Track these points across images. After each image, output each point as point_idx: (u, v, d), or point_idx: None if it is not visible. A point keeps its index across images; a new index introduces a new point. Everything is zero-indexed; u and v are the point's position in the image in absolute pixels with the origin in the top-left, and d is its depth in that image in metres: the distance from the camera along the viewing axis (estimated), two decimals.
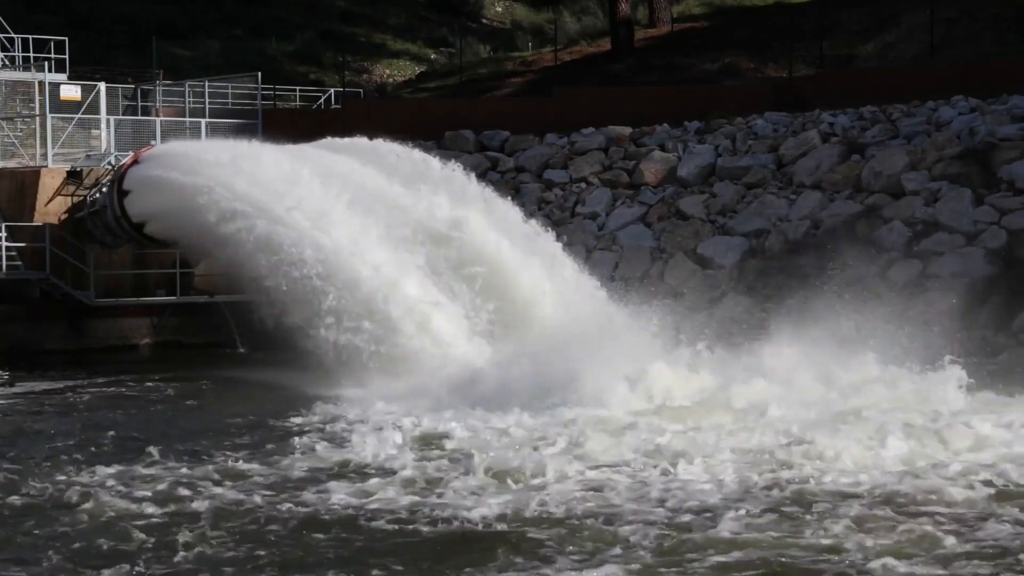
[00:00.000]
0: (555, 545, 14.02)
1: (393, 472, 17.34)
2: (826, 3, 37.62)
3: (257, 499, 16.14)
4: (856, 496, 15.66)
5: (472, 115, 35.55)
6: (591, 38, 44.64)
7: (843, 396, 20.79)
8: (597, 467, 17.38)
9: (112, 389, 25.69)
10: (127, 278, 31.54)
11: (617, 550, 13.84)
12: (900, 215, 28.47)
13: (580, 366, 21.67)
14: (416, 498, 16.05)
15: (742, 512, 15.02)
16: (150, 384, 26.13)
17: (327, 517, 15.37)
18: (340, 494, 16.29)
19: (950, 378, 20.61)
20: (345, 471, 17.61)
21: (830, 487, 16.10)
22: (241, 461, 18.19)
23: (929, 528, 14.27)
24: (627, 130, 33.71)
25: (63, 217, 31.18)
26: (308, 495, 16.33)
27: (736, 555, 13.56)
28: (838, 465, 17.01)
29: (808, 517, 14.84)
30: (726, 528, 14.45)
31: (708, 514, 15.05)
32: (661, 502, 15.66)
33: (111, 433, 20.56)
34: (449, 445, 18.93)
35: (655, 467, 17.25)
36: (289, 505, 15.88)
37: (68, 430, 20.98)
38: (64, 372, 27.66)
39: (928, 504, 15.31)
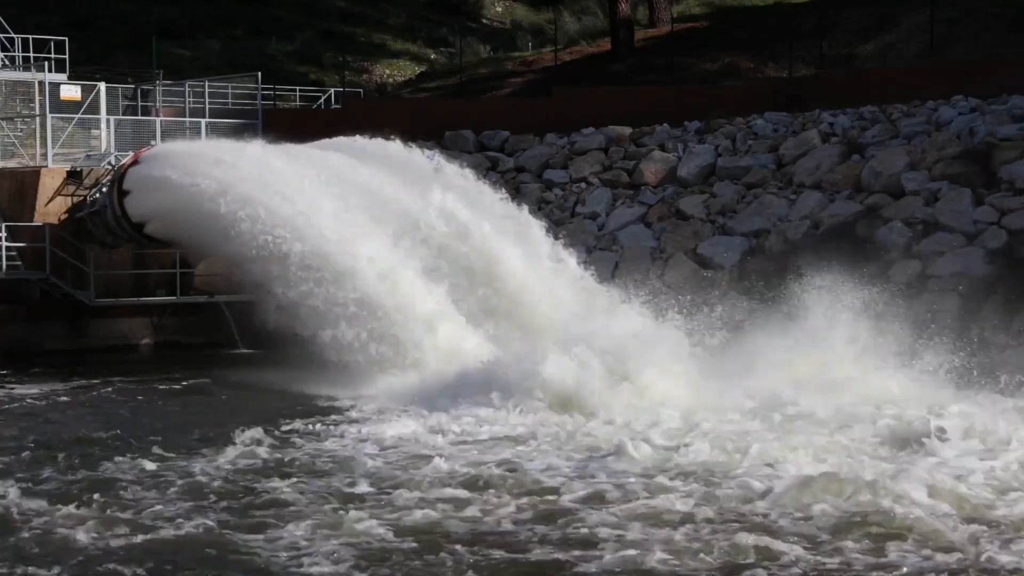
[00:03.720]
0: None
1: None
2: (826, 3, 37.60)
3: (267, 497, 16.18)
4: None
5: (472, 115, 35.52)
6: (591, 38, 44.63)
7: None
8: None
9: (113, 389, 25.66)
10: (127, 278, 31.54)
11: None
12: (900, 215, 28.44)
13: None
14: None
15: None
16: (150, 384, 26.10)
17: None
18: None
19: None
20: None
21: None
22: (244, 461, 18.22)
23: None
24: (627, 130, 33.69)
25: (63, 217, 31.18)
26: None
27: None
28: None
29: None
30: None
31: None
32: None
33: (110, 434, 20.56)
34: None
35: None
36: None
37: (67, 430, 20.99)
38: (64, 372, 27.60)
39: None
